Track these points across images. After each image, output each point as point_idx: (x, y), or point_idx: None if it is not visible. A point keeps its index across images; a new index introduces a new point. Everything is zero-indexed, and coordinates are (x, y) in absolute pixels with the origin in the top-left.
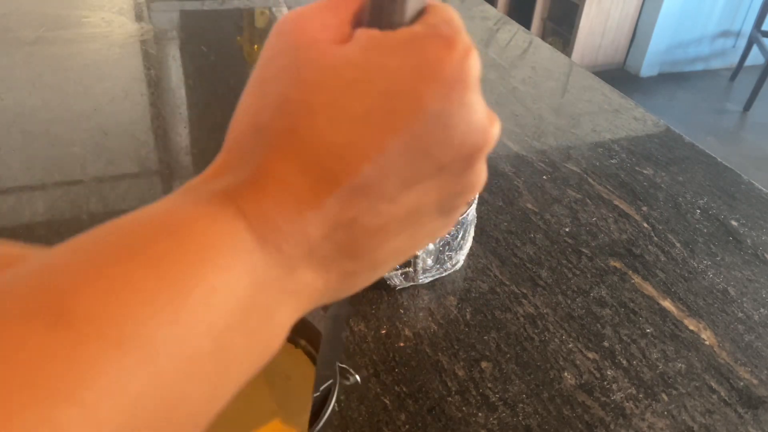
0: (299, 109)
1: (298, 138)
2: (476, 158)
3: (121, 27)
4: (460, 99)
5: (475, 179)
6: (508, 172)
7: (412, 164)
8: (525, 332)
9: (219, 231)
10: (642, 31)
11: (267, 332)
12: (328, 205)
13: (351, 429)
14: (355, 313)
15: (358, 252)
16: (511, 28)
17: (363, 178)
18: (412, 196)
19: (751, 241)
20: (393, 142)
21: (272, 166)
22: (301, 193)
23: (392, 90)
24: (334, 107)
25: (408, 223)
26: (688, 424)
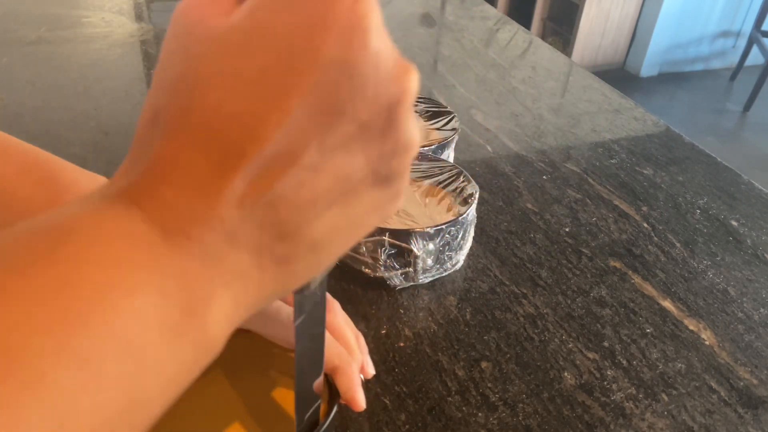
0: (189, 85)
1: (192, 116)
2: (397, 111)
3: (121, 27)
4: (361, 46)
5: (404, 137)
6: (508, 172)
7: (324, 123)
8: (525, 332)
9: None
10: (642, 31)
11: (195, 329)
12: (237, 181)
13: (351, 429)
14: (355, 313)
15: (287, 230)
16: (511, 28)
17: (272, 145)
18: (336, 161)
19: (751, 241)
20: (296, 101)
21: (168, 151)
22: (203, 173)
23: (284, 46)
24: (226, 75)
25: (339, 192)
26: (688, 424)
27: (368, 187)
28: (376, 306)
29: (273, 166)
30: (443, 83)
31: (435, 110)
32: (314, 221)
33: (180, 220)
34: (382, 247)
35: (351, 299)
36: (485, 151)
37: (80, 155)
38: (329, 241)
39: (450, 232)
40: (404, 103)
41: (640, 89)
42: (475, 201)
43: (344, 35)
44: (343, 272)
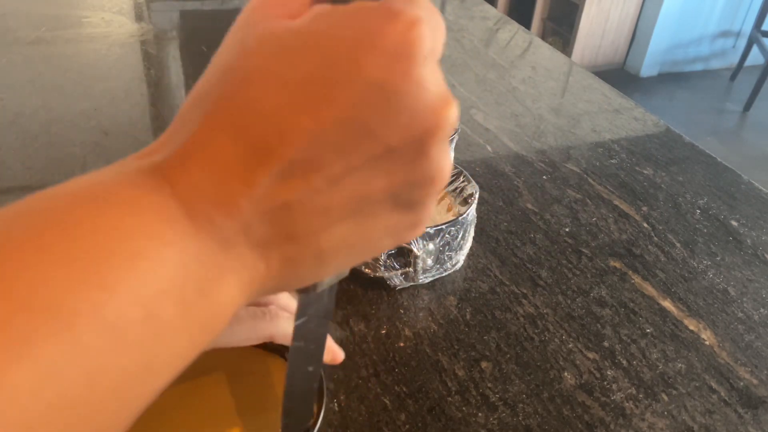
0: (236, 76)
1: (233, 105)
2: (429, 143)
3: (121, 27)
4: (405, 73)
5: (432, 168)
6: (508, 172)
7: (352, 140)
8: (525, 332)
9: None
10: (642, 31)
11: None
12: (261, 177)
13: (351, 429)
14: (355, 313)
15: (298, 233)
16: (511, 28)
17: (298, 150)
18: (357, 178)
19: (751, 241)
20: (330, 113)
21: (204, 134)
22: (232, 162)
23: (330, 58)
24: (270, 73)
25: (354, 209)
26: (688, 424)
27: (387, 210)
28: (376, 306)
29: (296, 170)
30: None
31: None
32: (324, 231)
33: (205, 203)
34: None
35: (351, 299)
36: (485, 151)
37: (80, 155)
38: (336, 253)
39: (450, 232)
40: (437, 135)
41: (640, 89)
42: (475, 201)
43: (389, 58)
44: None
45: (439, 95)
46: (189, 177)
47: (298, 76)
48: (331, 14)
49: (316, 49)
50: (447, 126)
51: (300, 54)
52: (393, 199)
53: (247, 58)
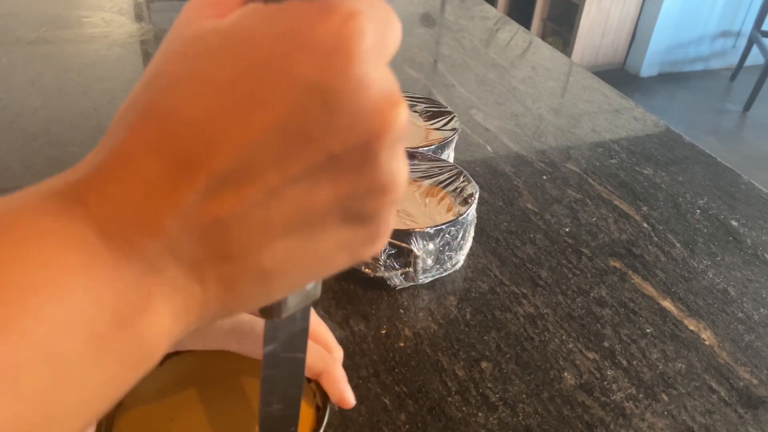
0: (161, 82)
1: (156, 114)
2: (375, 148)
3: (121, 27)
4: (341, 71)
5: (382, 176)
6: (508, 172)
7: (289, 147)
8: (525, 332)
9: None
10: (642, 31)
11: (125, 341)
12: (188, 192)
13: (351, 429)
14: (355, 313)
15: (234, 252)
16: (511, 28)
17: (228, 161)
18: (298, 189)
19: (751, 241)
20: (261, 118)
21: (126, 148)
22: (156, 177)
23: (260, 58)
24: (196, 78)
25: (298, 222)
26: (688, 424)
27: (336, 223)
28: (376, 306)
29: (227, 183)
30: (443, 83)
31: (435, 110)
32: (266, 247)
33: (123, 223)
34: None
35: (351, 299)
36: (485, 151)
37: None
38: (283, 271)
39: (450, 232)
40: (384, 139)
41: (640, 89)
42: (475, 201)
43: (323, 55)
44: (342, 272)
45: (383, 95)
46: (105, 196)
47: (224, 79)
48: (260, 11)
49: (243, 48)
50: (394, 128)
51: (226, 55)
52: (342, 210)
53: (172, 63)
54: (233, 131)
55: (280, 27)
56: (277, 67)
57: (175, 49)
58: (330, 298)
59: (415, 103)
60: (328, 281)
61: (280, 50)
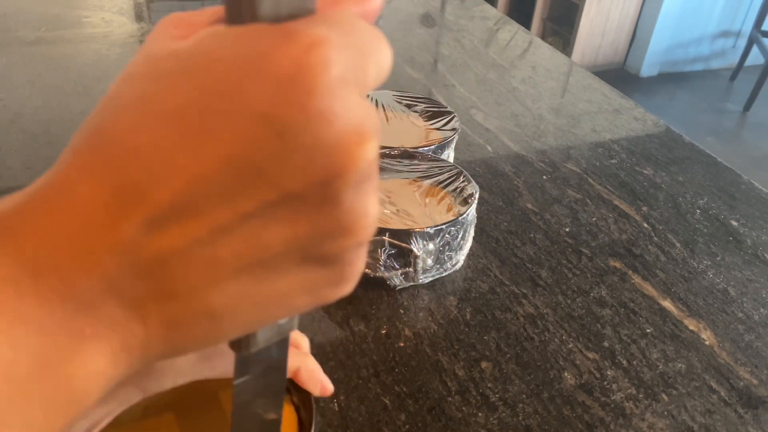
0: (112, 106)
1: (102, 140)
2: (337, 187)
3: (121, 27)
4: (299, 104)
5: (345, 218)
6: (508, 172)
7: (240, 183)
8: (525, 332)
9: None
10: (642, 31)
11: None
12: (129, 226)
13: (351, 429)
14: (355, 313)
15: (178, 290)
16: (511, 28)
17: (174, 194)
18: (250, 227)
19: (751, 241)
20: (210, 150)
21: (68, 175)
22: (95, 209)
23: (213, 83)
24: (144, 102)
25: (252, 262)
26: (688, 424)
27: (294, 264)
28: (376, 306)
29: (171, 217)
30: (443, 83)
31: (435, 110)
32: (213, 286)
33: (55, 258)
34: (382, 247)
35: (351, 299)
36: (485, 151)
37: None
38: (234, 312)
39: (450, 232)
40: (346, 177)
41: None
42: (475, 201)
43: (280, 86)
44: None
45: (349, 130)
46: (38, 228)
47: (174, 106)
48: (220, 34)
49: (196, 73)
50: (359, 167)
51: (178, 79)
52: (300, 251)
53: (126, 85)
54: (179, 162)
55: (237, 52)
56: (229, 95)
57: (132, 70)
58: None
59: (415, 103)
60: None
61: (233, 77)
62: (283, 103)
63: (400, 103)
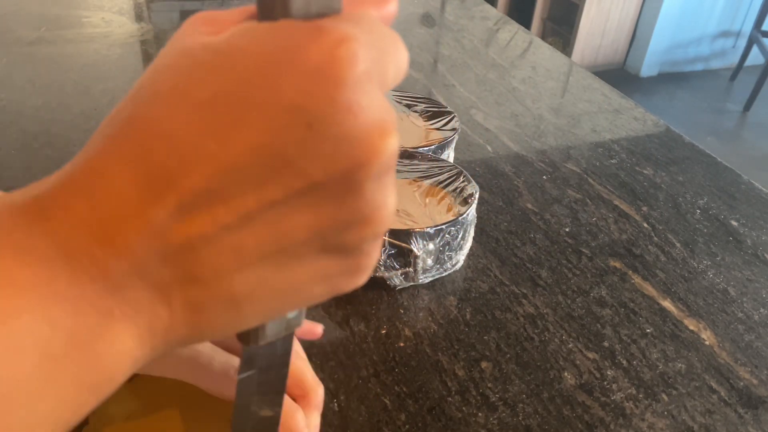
0: (145, 95)
1: (135, 126)
2: (360, 178)
3: (121, 27)
4: (328, 96)
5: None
6: (508, 172)
7: (268, 171)
8: (525, 332)
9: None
10: (642, 31)
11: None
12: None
13: (351, 429)
14: (355, 314)
15: (204, 275)
16: (511, 28)
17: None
18: (275, 214)
19: (751, 241)
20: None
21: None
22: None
23: (244, 76)
24: (178, 91)
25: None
26: (688, 424)
27: (313, 253)
28: (376, 306)
29: (200, 203)
30: (443, 83)
31: (435, 110)
32: (237, 272)
33: (87, 239)
34: (382, 247)
35: (351, 299)
36: (485, 151)
37: None
38: (255, 299)
39: (450, 232)
40: (370, 169)
41: (640, 89)
42: (475, 201)
43: (309, 79)
44: None
45: (373, 123)
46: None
47: (207, 95)
48: (253, 30)
49: (229, 65)
50: (382, 159)
51: (212, 71)
52: (320, 240)
53: (158, 75)
54: (210, 149)
55: (270, 46)
56: (261, 86)
57: (164, 62)
58: (330, 298)
59: (415, 103)
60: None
61: (266, 70)
62: (313, 95)
63: (400, 103)
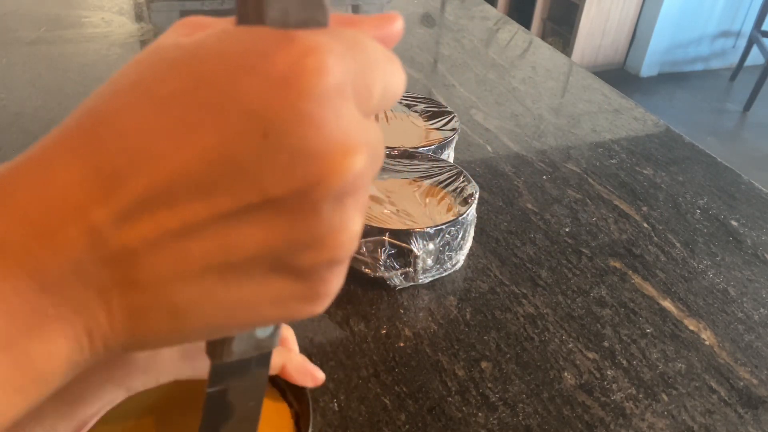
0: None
1: (90, 120)
2: (316, 197)
3: (121, 27)
4: (290, 106)
5: (320, 231)
6: (508, 172)
7: (220, 179)
8: (525, 332)
9: None
10: (642, 31)
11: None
12: (101, 210)
13: (351, 429)
14: (355, 314)
15: (143, 280)
16: (511, 28)
17: (151, 182)
18: (223, 226)
19: (751, 241)
20: (194, 140)
21: (50, 150)
22: (73, 188)
23: (206, 75)
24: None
25: (221, 262)
26: (688, 424)
27: (265, 271)
28: (376, 306)
29: (147, 206)
30: (443, 83)
31: (435, 110)
32: (180, 281)
33: (26, 231)
34: (382, 247)
35: (351, 299)
36: (485, 151)
37: None
38: (199, 311)
39: (450, 232)
40: (325, 187)
41: (640, 89)
42: (475, 201)
43: (272, 86)
44: None
45: (336, 140)
46: (10, 200)
47: (165, 93)
48: (225, 32)
49: (192, 64)
50: (342, 179)
51: (174, 68)
52: (271, 259)
53: (125, 71)
54: (162, 150)
55: (237, 48)
56: (220, 88)
57: (135, 58)
58: None
59: (415, 103)
60: None
61: (227, 72)
62: (273, 103)
63: (400, 103)
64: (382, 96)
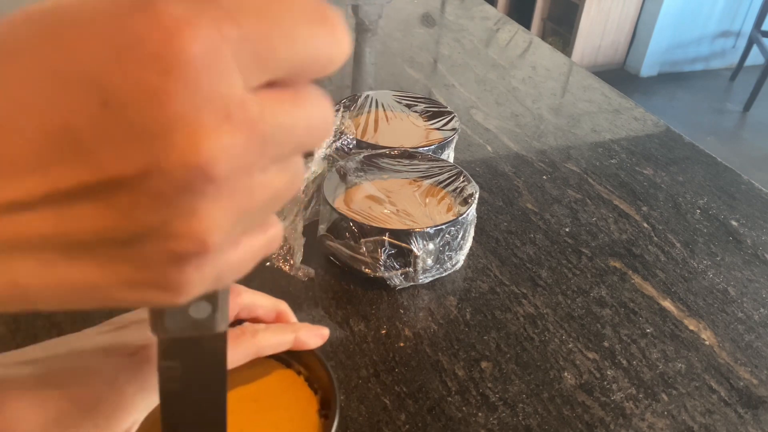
0: None
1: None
2: (156, 182)
3: None
4: (134, 75)
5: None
6: (508, 172)
7: (56, 152)
8: (525, 332)
9: None
10: (642, 31)
11: None
12: None
13: (351, 429)
14: (355, 314)
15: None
16: (511, 28)
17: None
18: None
19: (751, 241)
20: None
21: None
22: None
23: (51, 34)
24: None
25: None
26: (688, 424)
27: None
28: (376, 306)
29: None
30: (443, 83)
31: (435, 110)
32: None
33: None
34: (382, 247)
35: (351, 299)
36: (485, 151)
37: None
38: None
39: (450, 232)
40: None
41: (640, 89)
42: (475, 201)
43: (117, 51)
44: (343, 272)
45: (187, 119)
46: None
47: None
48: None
49: (46, 22)
50: (186, 164)
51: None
52: (114, 244)
53: None
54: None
55: (95, 6)
56: (63, 49)
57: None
58: (330, 298)
59: (415, 103)
60: (329, 281)
61: (73, 31)
62: (115, 69)
63: (400, 103)
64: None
